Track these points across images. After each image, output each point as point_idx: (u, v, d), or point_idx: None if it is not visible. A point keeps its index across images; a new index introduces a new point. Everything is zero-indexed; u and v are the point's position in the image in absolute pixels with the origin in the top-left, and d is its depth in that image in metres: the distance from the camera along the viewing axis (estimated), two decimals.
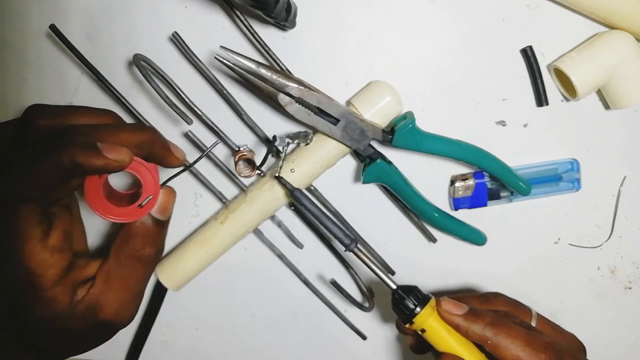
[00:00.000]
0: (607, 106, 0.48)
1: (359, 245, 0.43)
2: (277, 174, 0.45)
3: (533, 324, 0.44)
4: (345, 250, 0.43)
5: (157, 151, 0.40)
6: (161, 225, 0.41)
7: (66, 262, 0.38)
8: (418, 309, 0.41)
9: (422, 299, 0.41)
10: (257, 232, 0.51)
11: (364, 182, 0.46)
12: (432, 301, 0.42)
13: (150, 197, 0.39)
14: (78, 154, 0.34)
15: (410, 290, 0.41)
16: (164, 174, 0.42)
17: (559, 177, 0.49)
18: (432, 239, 0.51)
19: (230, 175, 0.49)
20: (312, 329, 0.54)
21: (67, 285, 0.38)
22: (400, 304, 0.41)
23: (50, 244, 0.37)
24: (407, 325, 0.42)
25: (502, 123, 0.49)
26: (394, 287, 0.42)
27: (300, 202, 0.44)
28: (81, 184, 0.38)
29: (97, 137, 0.36)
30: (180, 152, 0.43)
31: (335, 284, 0.48)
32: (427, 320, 0.41)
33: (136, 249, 0.40)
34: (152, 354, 0.55)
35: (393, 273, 0.52)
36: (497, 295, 0.47)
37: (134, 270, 0.40)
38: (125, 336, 0.55)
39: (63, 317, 0.38)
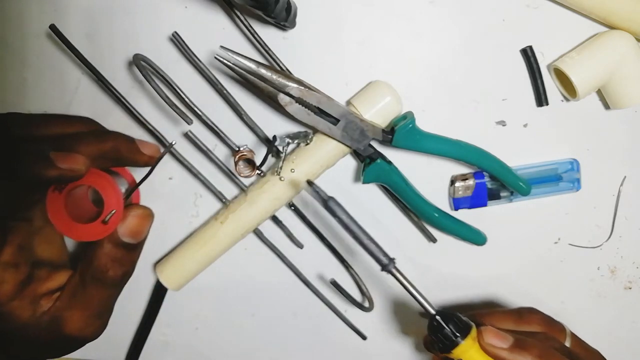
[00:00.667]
0: (607, 106, 0.48)
1: (396, 265, 0.40)
2: (308, 180, 0.41)
3: (567, 343, 0.43)
4: (382, 270, 0.39)
5: (125, 155, 0.39)
6: (131, 249, 0.39)
7: (22, 276, 0.37)
8: (459, 340, 0.38)
9: (463, 327, 0.39)
10: (257, 232, 0.51)
11: (364, 182, 0.46)
12: (474, 331, 0.39)
13: (114, 211, 0.37)
14: (30, 166, 0.33)
15: (451, 318, 0.39)
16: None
17: (559, 177, 0.49)
18: (432, 239, 0.51)
19: (230, 175, 0.49)
20: (312, 329, 0.54)
21: (26, 299, 0.37)
22: (439, 332, 0.39)
23: (3, 260, 0.36)
24: (443, 354, 0.39)
25: (502, 123, 0.49)
26: (433, 312, 0.39)
27: (335, 213, 0.39)
28: (42, 198, 0.37)
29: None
30: (149, 147, 0.41)
31: (335, 284, 0.48)
32: (468, 352, 0.38)
33: (100, 271, 0.38)
34: (152, 354, 0.55)
35: None
36: (531, 312, 0.45)
37: (97, 291, 0.39)
38: (125, 336, 0.55)
39: (29, 327, 0.37)
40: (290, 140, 0.45)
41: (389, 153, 0.48)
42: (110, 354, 0.55)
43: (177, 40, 0.45)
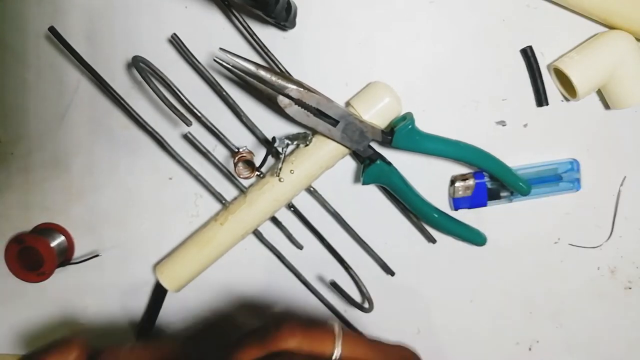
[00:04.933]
0: (607, 106, 0.48)
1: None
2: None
3: (337, 349, 0.36)
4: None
5: None
6: None
7: None
8: None
9: None
10: (257, 233, 0.51)
11: (363, 183, 0.46)
12: None
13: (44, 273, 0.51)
14: None
15: None
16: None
17: (559, 177, 0.49)
18: (432, 240, 0.51)
19: (229, 177, 0.49)
20: None
21: None
22: None
23: None
24: None
25: (502, 123, 0.48)
26: None
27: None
28: None
29: None
30: None
31: (335, 285, 0.48)
32: None
33: None
34: None
35: (393, 274, 0.52)
36: (281, 324, 0.36)
37: None
38: (125, 337, 0.55)
39: None
40: (289, 142, 0.45)
41: (389, 154, 0.48)
42: None
43: (176, 42, 0.45)
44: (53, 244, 0.51)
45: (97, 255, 0.53)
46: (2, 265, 0.52)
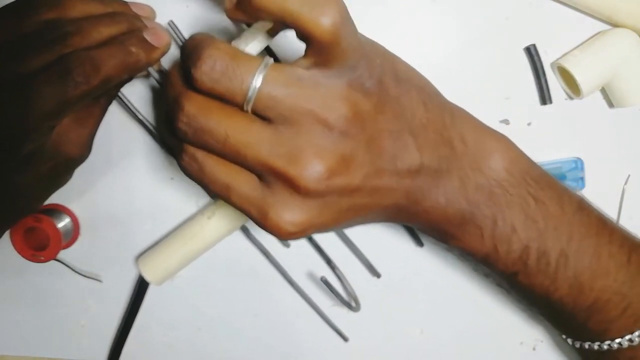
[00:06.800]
0: (611, 104, 0.48)
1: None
2: None
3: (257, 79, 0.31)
4: None
5: None
6: None
7: None
8: None
9: None
10: (244, 229, 0.50)
11: None
12: None
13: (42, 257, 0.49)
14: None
15: None
16: None
17: (563, 176, 0.49)
18: (420, 244, 0.50)
19: None
20: (290, 329, 0.53)
21: None
22: None
23: None
24: None
25: (506, 122, 0.48)
26: None
27: None
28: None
29: None
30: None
31: (326, 282, 0.47)
32: None
33: None
34: (153, 355, 0.55)
35: (379, 275, 0.51)
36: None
37: None
38: (107, 330, 0.54)
39: None
40: None
41: None
42: (95, 349, 0.55)
43: (173, 30, 0.45)
44: (59, 225, 0.50)
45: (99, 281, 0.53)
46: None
